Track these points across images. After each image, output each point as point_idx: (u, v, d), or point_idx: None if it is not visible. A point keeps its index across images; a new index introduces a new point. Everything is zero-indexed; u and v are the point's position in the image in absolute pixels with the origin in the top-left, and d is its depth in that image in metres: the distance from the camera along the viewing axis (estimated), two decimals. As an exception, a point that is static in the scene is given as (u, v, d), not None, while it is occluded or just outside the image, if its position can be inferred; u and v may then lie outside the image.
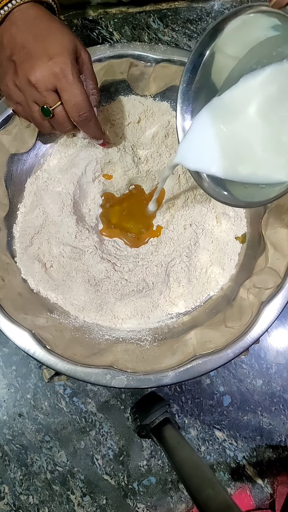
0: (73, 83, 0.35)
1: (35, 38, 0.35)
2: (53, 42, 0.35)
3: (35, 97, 0.36)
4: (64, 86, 0.35)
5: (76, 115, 0.37)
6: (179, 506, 0.51)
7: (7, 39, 0.36)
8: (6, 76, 0.37)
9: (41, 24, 0.36)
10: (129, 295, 0.46)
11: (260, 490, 0.52)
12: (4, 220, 0.45)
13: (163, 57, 0.45)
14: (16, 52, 0.36)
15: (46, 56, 0.35)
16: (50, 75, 0.35)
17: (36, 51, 0.35)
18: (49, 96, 0.36)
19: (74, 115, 0.37)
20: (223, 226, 0.49)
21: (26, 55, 0.35)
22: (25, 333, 0.38)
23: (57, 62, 0.34)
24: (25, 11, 0.36)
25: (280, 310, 0.40)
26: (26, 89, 0.36)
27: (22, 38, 0.35)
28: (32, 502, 0.50)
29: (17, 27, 0.36)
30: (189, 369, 0.38)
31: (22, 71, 0.35)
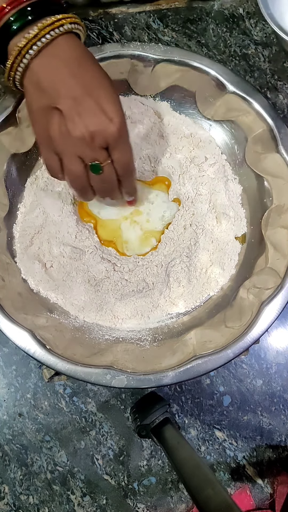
0: (126, 143, 0.36)
1: (85, 88, 0.32)
2: (106, 96, 0.33)
3: (84, 153, 0.34)
4: (118, 145, 0.35)
5: (124, 171, 0.37)
6: (179, 506, 0.51)
7: (48, 83, 0.32)
8: (49, 125, 0.33)
9: (85, 69, 0.33)
10: (129, 295, 0.46)
11: (260, 490, 0.52)
12: (4, 220, 0.45)
13: (163, 57, 0.45)
14: (63, 102, 0.32)
15: (102, 113, 0.33)
16: (107, 134, 0.33)
17: (89, 106, 0.32)
18: (101, 153, 0.34)
19: (122, 171, 0.37)
20: (223, 226, 0.49)
21: (78, 109, 0.32)
22: (25, 333, 0.38)
23: (115, 122, 0.33)
24: (63, 46, 0.32)
25: (280, 310, 0.40)
26: (74, 144, 0.33)
27: (69, 87, 0.32)
28: (32, 502, 0.50)
29: (57, 69, 0.32)
30: (189, 369, 0.38)
31: (74, 125, 0.32)
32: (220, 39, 0.58)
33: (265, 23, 0.59)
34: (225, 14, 0.59)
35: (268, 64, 0.58)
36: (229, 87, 0.45)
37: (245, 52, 0.58)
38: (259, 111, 0.45)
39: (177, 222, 0.48)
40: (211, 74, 0.45)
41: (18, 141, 0.45)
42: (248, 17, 0.59)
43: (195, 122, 0.51)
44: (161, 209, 0.49)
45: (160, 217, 0.49)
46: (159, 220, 0.49)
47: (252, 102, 0.45)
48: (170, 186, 0.50)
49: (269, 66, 0.58)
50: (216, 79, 0.45)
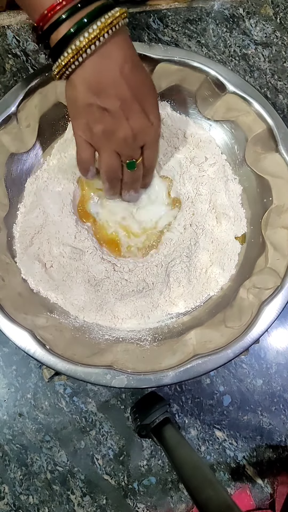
0: (158, 143, 0.40)
1: (134, 92, 0.34)
2: (150, 100, 0.36)
3: (124, 150, 0.37)
4: (152, 145, 0.38)
5: (149, 167, 0.42)
6: (179, 506, 0.51)
7: (99, 83, 0.33)
8: (93, 122, 0.35)
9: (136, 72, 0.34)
10: (129, 295, 0.46)
11: (260, 490, 0.52)
12: (4, 220, 0.45)
13: (163, 57, 0.45)
14: (112, 103, 0.33)
15: (145, 117, 0.35)
16: (147, 136, 0.37)
17: (136, 109, 0.34)
18: (137, 152, 0.38)
19: (148, 167, 0.41)
20: (223, 226, 0.49)
21: (125, 111, 0.34)
22: (25, 333, 0.38)
23: (155, 126, 0.37)
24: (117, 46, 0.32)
25: (280, 310, 0.40)
26: (117, 142, 0.36)
27: (120, 89, 0.33)
28: (32, 502, 0.50)
29: (110, 70, 0.33)
30: (189, 369, 0.38)
31: (120, 126, 0.34)
32: (220, 39, 0.58)
33: (265, 23, 0.59)
34: (225, 14, 0.59)
35: (268, 64, 0.58)
36: (229, 87, 0.45)
37: (245, 52, 0.58)
38: (259, 111, 0.45)
39: (177, 222, 0.48)
40: (211, 74, 0.45)
41: (18, 141, 0.45)
42: (248, 17, 0.59)
43: (195, 122, 0.51)
44: (158, 212, 0.49)
45: (154, 221, 0.49)
46: (151, 222, 0.49)
47: (252, 102, 0.45)
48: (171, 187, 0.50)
49: (269, 66, 0.58)
50: (216, 79, 0.45)
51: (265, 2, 0.59)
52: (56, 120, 0.48)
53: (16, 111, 0.43)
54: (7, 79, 0.55)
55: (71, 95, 0.34)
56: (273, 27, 0.59)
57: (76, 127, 0.36)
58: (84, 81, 0.33)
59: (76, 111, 0.35)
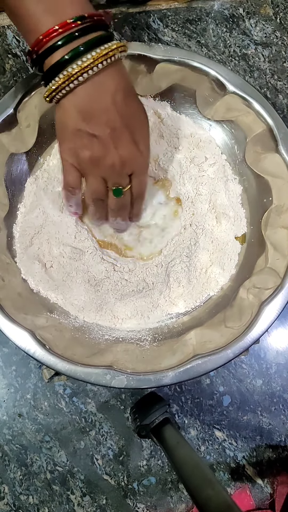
0: (146, 172, 0.39)
1: (125, 121, 0.34)
2: (140, 130, 0.36)
3: (110, 177, 0.37)
4: (140, 174, 0.38)
5: (138, 196, 0.41)
6: (179, 506, 0.51)
7: (91, 110, 0.33)
8: (81, 147, 0.35)
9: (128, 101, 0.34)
10: (129, 295, 0.46)
11: (260, 490, 0.52)
12: (4, 220, 0.45)
13: (163, 57, 0.45)
14: (102, 130, 0.33)
15: (134, 145, 0.35)
16: (135, 164, 0.37)
17: (125, 138, 0.34)
18: (125, 180, 0.38)
19: (136, 196, 0.41)
20: (223, 226, 0.49)
21: (115, 139, 0.34)
22: (25, 333, 0.38)
23: (144, 155, 0.37)
24: (110, 76, 0.33)
25: (280, 310, 0.40)
26: (104, 169, 0.36)
27: (111, 117, 0.33)
28: (32, 502, 0.50)
29: (102, 98, 0.33)
30: (189, 369, 0.38)
31: (108, 153, 0.34)
32: (220, 39, 0.58)
33: (265, 23, 0.59)
34: (225, 14, 0.59)
35: (268, 64, 0.58)
36: (229, 87, 0.45)
37: (245, 52, 0.58)
38: (259, 111, 0.45)
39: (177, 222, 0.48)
40: (211, 74, 0.45)
41: (18, 141, 0.45)
42: (248, 17, 0.59)
43: (195, 122, 0.51)
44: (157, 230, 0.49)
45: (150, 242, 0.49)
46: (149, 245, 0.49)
47: (252, 102, 0.45)
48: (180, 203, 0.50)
49: (269, 66, 0.58)
50: (216, 79, 0.45)
51: (265, 2, 0.59)
52: (56, 120, 0.48)
53: (16, 111, 0.43)
54: (7, 79, 0.55)
55: (60, 119, 0.35)
56: (273, 27, 0.59)
57: (63, 151, 0.36)
58: (75, 107, 0.33)
59: (64, 135, 0.35)
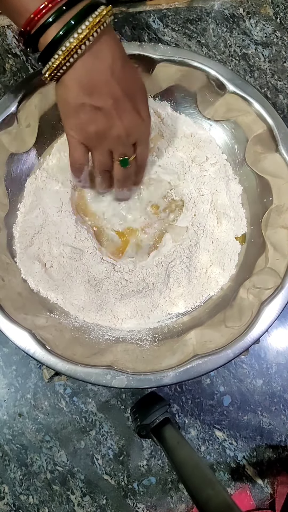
0: (148, 139, 0.40)
1: (125, 90, 0.34)
2: (141, 98, 0.36)
3: (117, 148, 0.37)
4: (144, 142, 0.39)
5: (142, 164, 0.42)
6: (179, 506, 0.51)
7: (91, 82, 0.33)
8: (85, 121, 0.35)
9: (126, 71, 0.34)
10: (129, 295, 0.46)
11: (260, 490, 0.52)
12: (4, 220, 0.45)
13: (163, 57, 0.45)
14: (104, 102, 0.34)
15: (137, 114, 0.36)
16: (139, 133, 0.37)
17: (128, 107, 0.35)
18: (130, 149, 0.38)
19: (140, 163, 0.42)
20: (223, 227, 0.49)
21: (118, 109, 0.34)
22: (25, 333, 0.38)
23: (146, 122, 0.37)
24: (106, 44, 0.32)
25: (280, 310, 0.40)
26: (110, 140, 0.36)
27: (111, 88, 0.33)
28: (32, 502, 0.50)
29: (101, 69, 0.33)
30: (189, 369, 0.38)
31: (113, 124, 0.35)
32: (220, 39, 0.58)
33: (265, 23, 0.59)
34: (225, 14, 0.59)
35: (268, 64, 0.58)
36: (229, 87, 0.45)
37: (245, 52, 0.58)
38: (259, 111, 0.45)
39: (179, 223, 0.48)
40: (211, 74, 0.45)
41: (18, 141, 0.45)
42: (248, 17, 0.59)
43: (195, 122, 0.51)
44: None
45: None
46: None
47: (252, 102, 0.45)
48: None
49: (269, 66, 0.58)
50: (216, 79, 0.45)
51: (265, 2, 0.59)
52: (56, 120, 0.48)
53: (16, 111, 0.43)
54: (7, 79, 0.55)
55: (62, 95, 0.34)
56: (273, 27, 0.59)
57: (68, 127, 0.36)
58: (76, 82, 0.33)
59: (68, 111, 0.35)
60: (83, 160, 0.39)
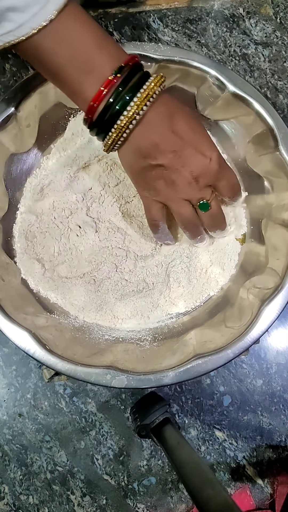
0: (227, 169, 0.38)
1: (182, 139, 0.34)
2: (200, 138, 0.35)
3: (191, 195, 0.37)
4: (221, 177, 0.37)
5: (233, 193, 0.40)
6: (179, 506, 0.51)
7: (147, 147, 0.33)
8: (153, 180, 0.36)
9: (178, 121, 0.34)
10: (129, 295, 0.46)
11: (260, 490, 0.52)
12: (4, 220, 0.45)
13: (163, 57, 0.45)
14: (164, 158, 0.34)
15: (201, 156, 0.35)
16: (210, 173, 0.36)
17: (189, 154, 0.34)
18: (206, 192, 0.37)
19: (231, 194, 0.40)
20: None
21: (179, 159, 0.34)
22: (25, 333, 0.38)
23: (214, 160, 0.35)
24: (156, 111, 0.33)
25: (280, 310, 0.40)
26: (181, 190, 0.36)
27: (167, 143, 0.33)
28: (32, 502, 0.50)
29: (156, 131, 0.33)
30: (189, 369, 0.38)
31: (179, 174, 0.35)
32: (220, 39, 0.58)
33: (265, 22, 0.59)
34: (225, 14, 0.59)
35: (268, 64, 0.58)
36: (229, 87, 0.45)
37: (245, 52, 0.58)
38: (259, 111, 0.45)
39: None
40: (211, 74, 0.45)
41: (18, 141, 0.45)
42: (248, 17, 0.59)
43: (195, 122, 0.51)
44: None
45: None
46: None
47: (252, 102, 0.45)
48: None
49: (269, 66, 0.58)
50: (216, 79, 0.45)
51: (265, 2, 0.59)
52: (56, 120, 0.48)
53: (16, 111, 0.43)
54: (7, 79, 0.55)
55: (125, 163, 0.36)
56: (273, 27, 0.59)
57: (140, 189, 0.37)
58: (132, 151, 0.34)
59: (134, 176, 0.36)
60: (158, 217, 0.39)
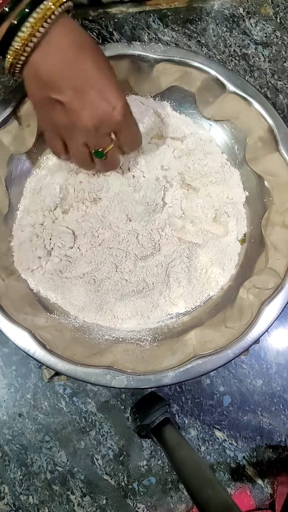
0: (131, 123, 0.36)
1: (85, 78, 0.32)
2: (106, 84, 0.33)
3: (89, 140, 0.35)
4: (123, 129, 0.35)
5: (132, 147, 0.39)
6: (179, 506, 0.51)
7: (47, 76, 0.31)
8: (53, 115, 0.34)
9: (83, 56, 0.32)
10: (129, 295, 0.46)
11: (260, 490, 0.52)
12: (4, 220, 0.45)
13: (163, 57, 0.45)
14: (64, 94, 0.32)
15: (104, 102, 0.32)
16: (111, 122, 0.34)
17: (91, 97, 0.32)
18: (104, 140, 0.35)
19: (129, 148, 0.39)
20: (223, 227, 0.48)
21: (80, 100, 0.32)
22: (25, 333, 0.38)
23: (118, 109, 0.33)
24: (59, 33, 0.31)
25: (280, 310, 0.40)
26: (79, 133, 0.34)
27: (69, 78, 0.31)
28: (32, 502, 0.50)
29: (55, 60, 0.31)
30: (189, 369, 0.38)
31: (78, 117, 0.33)
32: (220, 39, 0.58)
33: (265, 22, 0.59)
34: (225, 14, 0.59)
35: (268, 64, 0.58)
36: (229, 87, 0.45)
37: (245, 52, 0.58)
38: (259, 111, 0.45)
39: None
40: (211, 74, 0.45)
41: (18, 141, 0.45)
42: (248, 17, 0.59)
43: (195, 122, 0.51)
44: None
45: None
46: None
47: (252, 102, 0.45)
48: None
49: (269, 66, 0.58)
50: (216, 79, 0.45)
51: (265, 2, 0.59)
52: (56, 120, 0.48)
53: (16, 111, 0.43)
54: (7, 79, 0.55)
55: (28, 90, 0.34)
56: (273, 27, 0.59)
57: (40, 120, 0.36)
58: (33, 77, 0.32)
59: (36, 105, 0.35)
60: (59, 150, 0.38)
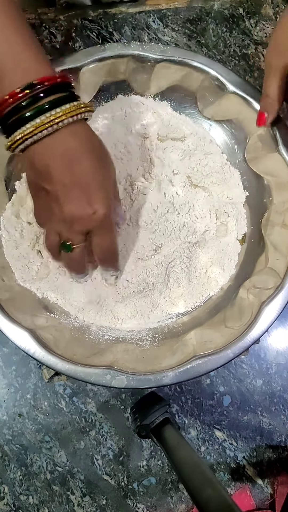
0: (108, 232, 0.37)
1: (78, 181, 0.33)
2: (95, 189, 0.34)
3: (62, 232, 0.36)
4: (98, 233, 0.36)
5: (104, 256, 0.39)
6: (179, 506, 0.51)
7: (42, 167, 0.33)
8: (39, 199, 0.36)
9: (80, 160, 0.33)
10: (129, 295, 0.46)
11: (260, 490, 0.52)
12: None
13: (163, 57, 0.45)
14: (52, 186, 0.33)
15: (87, 204, 0.33)
16: (87, 223, 0.34)
17: (76, 195, 0.33)
18: (76, 237, 0.36)
19: (101, 256, 0.39)
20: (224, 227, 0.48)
21: (65, 195, 0.33)
22: (25, 333, 0.38)
23: (98, 215, 0.34)
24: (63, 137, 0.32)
25: (280, 310, 0.40)
26: (56, 222, 0.35)
27: (60, 174, 0.33)
28: (32, 502, 0.50)
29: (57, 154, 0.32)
30: (189, 369, 0.38)
31: (57, 205, 0.34)
32: (220, 39, 0.58)
33: (265, 22, 0.59)
34: (225, 14, 0.59)
35: (268, 64, 0.58)
36: (229, 87, 0.45)
37: (245, 52, 0.58)
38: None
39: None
40: (211, 74, 0.45)
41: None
42: (248, 17, 0.59)
43: (195, 122, 0.51)
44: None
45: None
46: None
47: (252, 102, 0.45)
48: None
49: (269, 66, 0.58)
50: (216, 79, 0.45)
51: (265, 2, 0.59)
52: (56, 120, 0.48)
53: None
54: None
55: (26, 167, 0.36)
56: (273, 27, 0.59)
57: (31, 191, 0.37)
58: (30, 162, 0.34)
59: (28, 183, 0.37)
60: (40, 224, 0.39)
